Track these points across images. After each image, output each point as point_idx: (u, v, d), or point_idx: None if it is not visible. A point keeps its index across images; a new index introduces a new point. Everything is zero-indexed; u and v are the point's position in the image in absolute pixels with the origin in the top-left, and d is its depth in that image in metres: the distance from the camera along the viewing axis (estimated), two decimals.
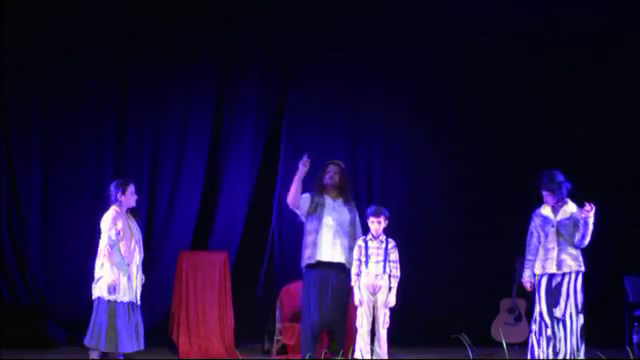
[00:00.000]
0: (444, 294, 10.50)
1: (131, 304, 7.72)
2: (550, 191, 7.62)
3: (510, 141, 10.74)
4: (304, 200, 7.96)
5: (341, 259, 7.87)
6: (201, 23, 10.29)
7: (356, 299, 7.75)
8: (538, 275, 7.65)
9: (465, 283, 10.52)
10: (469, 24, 10.77)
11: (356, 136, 10.81)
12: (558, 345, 7.48)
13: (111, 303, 7.62)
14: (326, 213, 7.92)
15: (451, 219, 10.67)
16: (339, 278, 7.83)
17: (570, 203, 7.62)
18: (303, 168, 7.87)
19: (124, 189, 7.82)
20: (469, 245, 10.57)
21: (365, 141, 10.83)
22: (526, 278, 7.77)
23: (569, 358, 7.41)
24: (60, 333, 9.74)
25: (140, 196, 8.18)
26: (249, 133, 10.40)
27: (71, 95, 9.97)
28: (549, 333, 7.53)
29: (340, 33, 10.51)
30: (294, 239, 9.58)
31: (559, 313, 7.48)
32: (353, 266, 7.79)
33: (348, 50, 10.52)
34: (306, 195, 7.97)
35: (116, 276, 7.61)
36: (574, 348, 7.45)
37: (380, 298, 7.75)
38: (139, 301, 7.81)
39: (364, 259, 7.75)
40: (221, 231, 10.29)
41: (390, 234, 7.89)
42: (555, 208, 7.65)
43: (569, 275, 7.54)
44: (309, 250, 7.88)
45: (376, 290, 7.76)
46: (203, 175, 10.29)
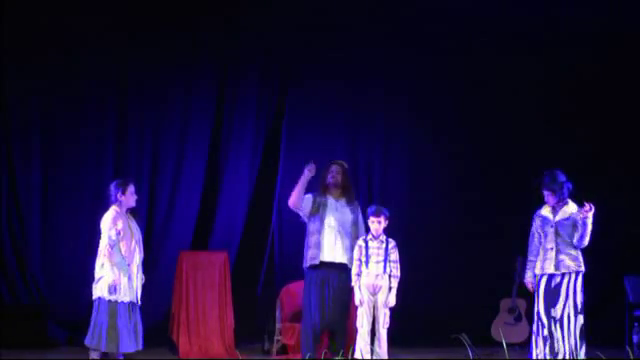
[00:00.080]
0: (444, 294, 10.50)
1: (131, 304, 7.71)
2: (551, 191, 7.62)
3: (510, 141, 10.74)
4: (306, 201, 7.95)
5: (343, 259, 7.87)
6: (201, 23, 10.29)
7: (356, 299, 7.75)
8: (538, 275, 7.65)
9: (465, 283, 10.52)
10: (469, 24, 10.77)
11: (356, 136, 10.81)
12: (556, 345, 7.47)
13: (112, 303, 7.61)
14: (328, 213, 7.91)
15: (451, 219, 10.67)
16: (340, 278, 7.83)
17: (571, 203, 7.62)
18: (308, 173, 7.86)
19: (124, 189, 7.81)
20: (469, 245, 10.57)
21: (365, 141, 10.82)
22: (528, 279, 7.77)
23: (567, 358, 7.41)
24: (60, 333, 9.73)
25: (140, 196, 8.17)
26: (249, 133, 10.40)
27: (71, 95, 9.97)
28: (545, 333, 7.53)
29: (340, 33, 10.51)
30: (294, 239, 9.60)
31: (557, 313, 7.49)
32: (353, 266, 7.78)
33: (348, 50, 10.52)
34: (308, 196, 7.96)
35: (117, 276, 7.61)
36: (572, 348, 7.44)
37: (380, 298, 7.75)
38: (139, 301, 7.81)
39: (364, 259, 7.75)
40: (221, 231, 10.29)
41: (390, 234, 7.88)
42: (555, 208, 7.64)
43: (568, 275, 7.54)
44: (312, 251, 7.87)
45: (376, 290, 7.75)
46: (203, 175, 10.29)
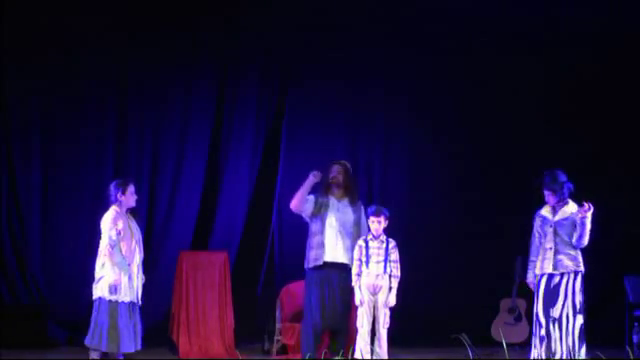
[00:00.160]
0: (444, 294, 10.50)
1: (132, 304, 7.71)
2: (551, 191, 7.61)
3: (510, 141, 10.74)
4: (308, 202, 7.95)
5: (344, 259, 7.86)
6: (201, 23, 10.29)
7: (357, 299, 7.74)
8: (538, 275, 7.65)
9: (465, 283, 10.52)
10: (469, 24, 10.77)
11: (356, 136, 10.81)
12: (553, 346, 7.46)
13: (112, 303, 7.60)
14: (329, 213, 7.91)
15: (451, 219, 10.67)
16: (341, 278, 7.83)
17: (571, 203, 7.61)
18: (313, 179, 7.86)
19: (124, 189, 7.81)
20: (469, 245, 10.57)
21: (365, 141, 10.82)
22: (529, 279, 7.77)
23: (564, 359, 7.41)
24: (60, 333, 9.73)
25: (140, 196, 8.17)
26: (249, 133, 10.40)
27: (71, 95, 9.97)
28: (542, 333, 7.53)
29: (340, 33, 10.51)
30: (294, 239, 9.61)
31: (555, 313, 7.49)
32: (354, 266, 7.78)
33: (348, 50, 10.51)
34: (310, 197, 7.95)
35: (118, 276, 7.61)
36: (570, 349, 7.44)
37: (380, 298, 7.74)
38: (140, 301, 7.81)
39: (365, 259, 7.74)
40: (221, 231, 10.29)
41: (390, 234, 7.88)
42: (555, 208, 7.64)
43: (567, 275, 7.53)
44: (314, 252, 7.87)
45: (377, 290, 7.75)
46: (203, 175, 10.29)
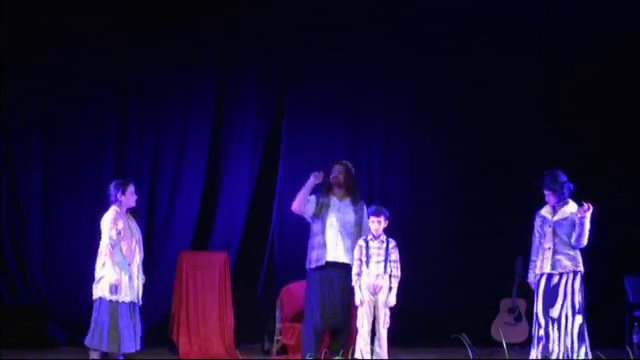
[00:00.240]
0: (444, 294, 10.49)
1: (132, 304, 7.71)
2: (552, 191, 7.61)
3: (510, 141, 10.73)
4: (310, 203, 7.95)
5: (344, 259, 7.87)
6: (201, 23, 10.28)
7: (357, 299, 7.74)
8: (537, 275, 7.66)
9: (465, 283, 10.52)
10: (469, 24, 10.77)
11: (356, 136, 10.80)
12: (551, 346, 7.46)
13: (113, 303, 7.60)
14: (330, 213, 7.92)
15: (451, 219, 10.66)
16: (342, 278, 7.83)
17: (571, 203, 7.61)
18: (314, 180, 7.87)
19: (124, 189, 7.81)
20: (469, 245, 10.57)
21: (365, 141, 10.81)
22: (531, 279, 7.78)
23: (562, 359, 7.40)
24: (60, 333, 9.73)
25: (140, 196, 8.17)
26: (249, 133, 10.39)
27: (71, 95, 9.97)
28: (541, 333, 7.53)
29: (340, 33, 10.51)
30: (294, 239, 9.61)
31: (554, 313, 7.49)
32: (354, 266, 7.78)
33: (348, 50, 10.51)
34: (312, 197, 7.96)
35: (119, 276, 7.61)
36: (568, 349, 7.43)
37: (381, 298, 7.74)
38: (141, 301, 7.81)
39: (365, 259, 7.74)
40: (221, 231, 10.28)
41: (390, 234, 7.87)
42: (555, 208, 7.64)
43: (566, 275, 7.53)
44: (316, 252, 7.88)
45: (377, 290, 7.75)
46: (203, 175, 10.28)
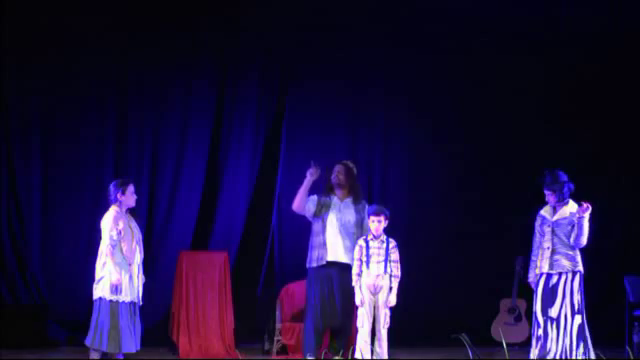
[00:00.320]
0: (444, 294, 10.49)
1: (132, 304, 7.72)
2: (552, 191, 7.62)
3: (510, 141, 10.73)
4: (311, 202, 7.96)
5: (345, 259, 7.88)
6: (201, 23, 10.28)
7: (357, 299, 7.74)
8: (537, 275, 7.66)
9: (465, 283, 10.52)
10: (469, 24, 10.76)
11: (356, 136, 10.79)
12: (549, 345, 7.46)
13: (113, 303, 7.61)
14: (330, 213, 7.94)
15: (451, 219, 10.66)
16: (343, 278, 7.84)
17: (571, 203, 7.61)
18: (310, 177, 7.88)
19: (124, 189, 7.81)
20: (469, 245, 10.57)
21: (365, 141, 10.81)
22: (531, 279, 7.79)
23: (559, 358, 7.40)
24: (60, 333, 9.73)
25: (140, 196, 8.18)
26: (249, 133, 10.39)
27: (71, 95, 9.96)
28: (539, 333, 7.54)
29: (340, 33, 10.50)
30: (294, 239, 9.61)
31: (553, 313, 7.49)
32: (354, 266, 7.78)
33: (348, 50, 10.51)
34: (313, 197, 7.97)
35: (119, 275, 7.61)
36: (567, 348, 7.44)
37: (381, 298, 7.74)
38: (141, 301, 7.81)
39: (365, 259, 7.74)
40: (221, 231, 10.28)
41: (390, 234, 7.88)
42: (555, 208, 7.65)
43: (565, 275, 7.54)
44: (316, 251, 7.88)
45: (377, 290, 7.75)
46: (203, 175, 10.27)
